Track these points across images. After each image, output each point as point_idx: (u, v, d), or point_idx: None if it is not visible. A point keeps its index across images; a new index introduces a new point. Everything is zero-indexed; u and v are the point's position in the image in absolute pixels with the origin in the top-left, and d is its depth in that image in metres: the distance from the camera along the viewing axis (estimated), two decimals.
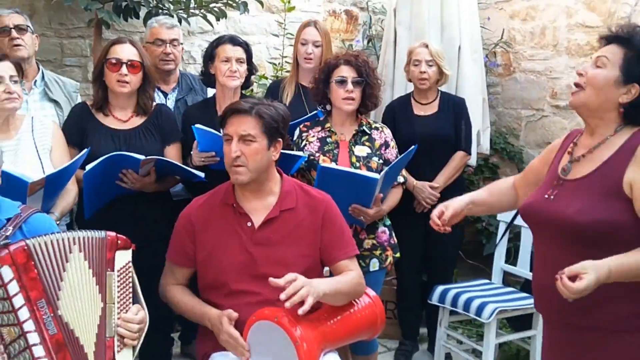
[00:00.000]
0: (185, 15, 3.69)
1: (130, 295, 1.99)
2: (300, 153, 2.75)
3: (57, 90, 3.02)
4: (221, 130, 2.91)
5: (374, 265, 2.89)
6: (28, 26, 2.96)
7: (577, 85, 1.85)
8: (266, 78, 4.25)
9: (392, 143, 2.97)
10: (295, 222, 2.25)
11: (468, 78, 3.99)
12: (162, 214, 2.81)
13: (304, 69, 3.37)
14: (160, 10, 3.60)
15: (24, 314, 1.77)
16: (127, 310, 1.95)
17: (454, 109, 3.46)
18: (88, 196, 2.54)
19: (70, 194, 2.58)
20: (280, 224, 2.24)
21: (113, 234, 1.96)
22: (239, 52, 2.90)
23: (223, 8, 3.78)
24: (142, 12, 3.63)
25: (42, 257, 1.82)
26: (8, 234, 1.89)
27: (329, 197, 2.34)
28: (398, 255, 2.99)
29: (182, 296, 2.30)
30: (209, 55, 2.94)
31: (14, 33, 2.88)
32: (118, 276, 1.94)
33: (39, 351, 1.77)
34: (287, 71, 4.38)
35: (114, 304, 1.92)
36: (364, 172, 2.73)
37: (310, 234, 2.26)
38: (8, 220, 1.92)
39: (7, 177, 2.13)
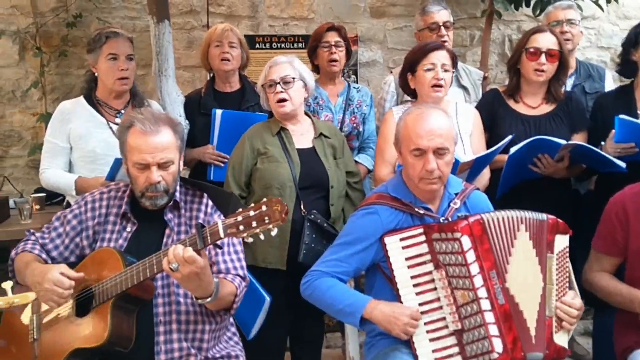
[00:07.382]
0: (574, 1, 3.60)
1: (567, 279, 2.02)
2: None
3: (465, 78, 3.23)
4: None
5: None
6: (452, 23, 3.22)
7: None
8: None
9: None
10: None
11: None
12: (566, 200, 2.81)
13: None
14: None
15: (478, 281, 1.91)
16: (564, 294, 1.98)
17: None
18: (505, 177, 2.64)
19: (484, 177, 2.67)
20: None
21: (553, 217, 2.01)
22: None
23: None
24: (532, 1, 3.66)
25: (494, 231, 1.94)
26: (457, 206, 2.09)
27: None
28: None
29: (607, 282, 2.22)
30: (632, 42, 2.80)
31: (442, 31, 3.16)
32: (557, 259, 1.98)
33: (489, 317, 1.89)
34: None
35: (553, 285, 1.96)
36: None
37: None
38: (456, 194, 2.13)
39: None
